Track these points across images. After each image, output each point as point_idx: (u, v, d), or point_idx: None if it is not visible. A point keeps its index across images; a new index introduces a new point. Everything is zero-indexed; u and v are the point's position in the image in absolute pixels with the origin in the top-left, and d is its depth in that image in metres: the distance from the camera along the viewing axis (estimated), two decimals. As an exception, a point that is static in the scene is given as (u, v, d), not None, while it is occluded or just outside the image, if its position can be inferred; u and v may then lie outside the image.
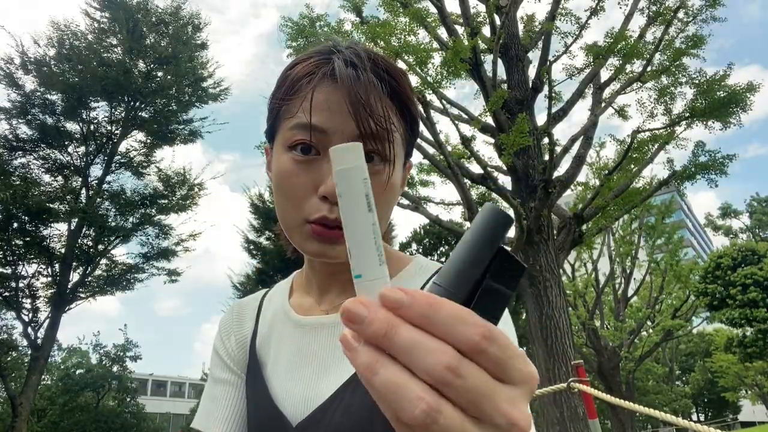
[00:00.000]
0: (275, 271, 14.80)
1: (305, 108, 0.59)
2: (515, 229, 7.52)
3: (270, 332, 0.74)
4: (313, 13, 8.81)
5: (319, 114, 0.59)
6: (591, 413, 3.12)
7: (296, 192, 0.60)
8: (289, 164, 0.61)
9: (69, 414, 20.25)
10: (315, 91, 0.59)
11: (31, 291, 11.50)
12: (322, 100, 0.59)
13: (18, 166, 11.56)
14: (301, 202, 0.60)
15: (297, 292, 0.76)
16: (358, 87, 0.58)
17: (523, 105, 8.14)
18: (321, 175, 0.59)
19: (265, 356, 0.72)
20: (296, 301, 0.74)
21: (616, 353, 16.13)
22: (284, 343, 0.70)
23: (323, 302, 0.70)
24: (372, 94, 0.58)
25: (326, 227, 0.59)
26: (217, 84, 13.76)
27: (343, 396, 0.60)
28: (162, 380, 38.65)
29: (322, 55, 0.62)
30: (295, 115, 0.60)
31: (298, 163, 0.60)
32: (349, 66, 0.59)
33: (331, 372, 0.64)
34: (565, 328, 6.97)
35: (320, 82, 0.60)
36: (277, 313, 0.75)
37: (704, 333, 32.71)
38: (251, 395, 0.72)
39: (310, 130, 0.59)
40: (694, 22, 8.55)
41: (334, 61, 0.60)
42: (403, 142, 0.65)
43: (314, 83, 0.60)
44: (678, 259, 18.24)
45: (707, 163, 8.27)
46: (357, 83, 0.58)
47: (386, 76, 0.61)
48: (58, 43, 11.86)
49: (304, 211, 0.60)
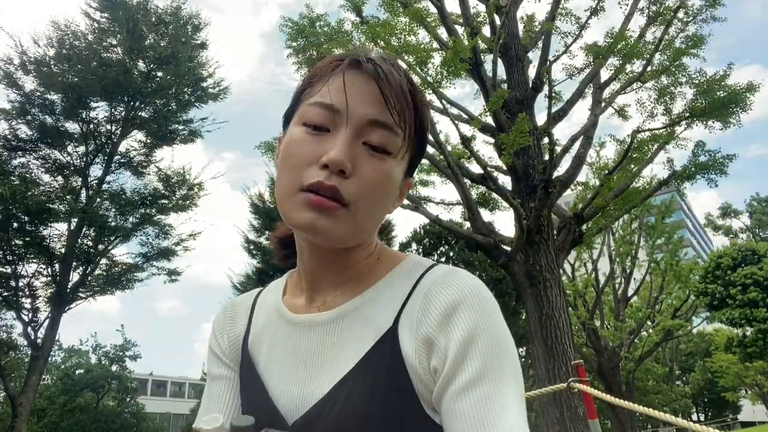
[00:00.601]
0: (275, 271, 14.79)
1: (330, 87, 0.62)
2: (515, 229, 7.52)
3: (263, 331, 0.73)
4: (313, 13, 8.80)
5: (338, 94, 0.61)
6: (591, 413, 3.12)
7: (299, 159, 0.61)
8: (299, 134, 0.63)
9: (69, 414, 20.27)
10: (338, 75, 0.63)
11: (31, 291, 11.50)
12: (343, 83, 0.62)
13: (18, 166, 11.56)
14: (301, 170, 0.61)
15: (291, 291, 0.75)
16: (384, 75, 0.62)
17: (523, 105, 8.14)
18: (326, 148, 0.60)
19: (258, 355, 0.72)
20: (290, 300, 0.74)
21: (616, 353, 16.14)
22: (278, 341, 0.70)
23: (316, 299, 0.70)
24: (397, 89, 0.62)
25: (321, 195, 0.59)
26: (216, 84, 13.77)
27: (338, 394, 0.60)
28: (162, 380, 38.67)
29: (353, 54, 0.65)
30: (316, 94, 0.63)
31: (309, 135, 0.62)
32: (378, 64, 0.63)
33: (325, 370, 0.63)
34: (565, 328, 6.97)
35: (346, 68, 0.63)
36: (270, 311, 0.75)
37: (704, 333, 32.72)
38: (245, 394, 0.72)
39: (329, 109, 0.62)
40: (694, 22, 8.55)
41: (361, 58, 0.64)
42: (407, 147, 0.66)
43: (340, 69, 0.63)
44: (678, 259, 18.23)
45: (707, 163, 8.26)
46: (382, 73, 0.62)
47: (410, 87, 0.65)
48: (58, 43, 11.86)
49: (302, 177, 0.60)
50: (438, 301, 0.60)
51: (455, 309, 0.58)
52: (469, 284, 0.60)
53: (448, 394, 0.56)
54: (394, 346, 0.60)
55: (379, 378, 0.59)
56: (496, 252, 7.48)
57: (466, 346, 0.56)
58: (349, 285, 0.68)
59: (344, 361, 0.62)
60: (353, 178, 0.60)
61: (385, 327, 0.62)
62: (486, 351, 0.56)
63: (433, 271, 0.65)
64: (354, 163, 0.60)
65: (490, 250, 7.50)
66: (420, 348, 0.59)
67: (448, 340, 0.57)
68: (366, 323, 0.64)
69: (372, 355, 0.61)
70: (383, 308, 0.64)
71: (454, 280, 0.61)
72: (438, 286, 0.61)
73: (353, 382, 0.60)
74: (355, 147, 0.60)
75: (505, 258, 7.41)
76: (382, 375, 0.59)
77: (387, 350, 0.60)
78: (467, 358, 0.56)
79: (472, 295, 0.59)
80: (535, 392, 3.48)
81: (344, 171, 0.59)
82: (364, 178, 0.60)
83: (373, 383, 0.59)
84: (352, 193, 0.60)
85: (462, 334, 0.57)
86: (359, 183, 0.60)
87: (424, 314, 0.60)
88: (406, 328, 0.61)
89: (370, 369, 0.60)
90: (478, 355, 0.56)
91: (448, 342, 0.57)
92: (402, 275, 0.67)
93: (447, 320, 0.58)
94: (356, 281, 0.68)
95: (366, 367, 0.60)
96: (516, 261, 7.32)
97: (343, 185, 0.59)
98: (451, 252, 17.40)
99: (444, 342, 0.57)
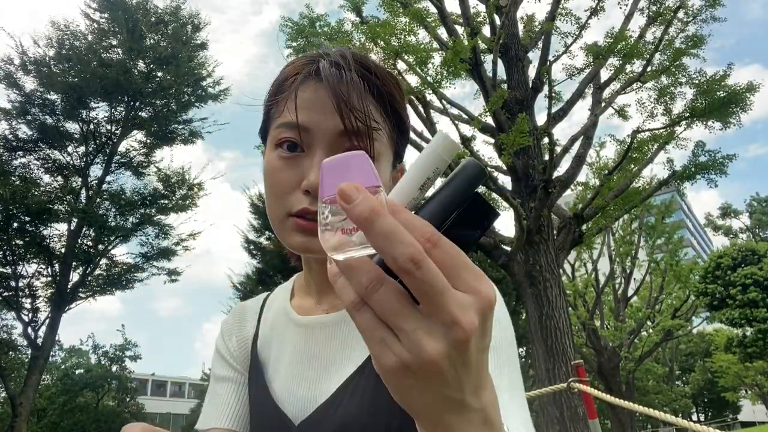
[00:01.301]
0: (275, 271, 14.79)
1: (290, 107, 0.61)
2: (515, 229, 7.52)
3: (271, 333, 0.75)
4: (313, 13, 8.81)
5: (303, 112, 0.60)
6: (591, 413, 3.12)
7: (281, 187, 0.61)
8: (275, 161, 0.62)
9: (69, 414, 20.26)
10: (300, 90, 0.61)
11: (31, 291, 11.51)
12: (306, 98, 0.60)
13: (18, 166, 11.58)
14: (285, 196, 0.61)
15: (298, 294, 0.76)
16: (341, 85, 0.59)
17: (523, 105, 8.14)
18: (305, 170, 0.60)
19: (266, 357, 0.73)
20: (297, 302, 0.75)
21: (616, 353, 16.13)
22: (286, 343, 0.71)
23: (323, 302, 0.71)
24: (354, 92, 0.59)
25: (308, 220, 0.59)
26: (216, 83, 13.77)
27: (344, 395, 0.61)
28: (162, 380, 38.66)
29: (309, 58, 0.64)
30: (281, 114, 0.62)
31: (284, 159, 0.61)
32: (333, 66, 0.61)
33: (332, 371, 0.64)
34: (565, 328, 6.97)
35: (304, 81, 0.61)
36: (278, 314, 0.76)
37: (704, 333, 32.71)
38: (254, 395, 0.72)
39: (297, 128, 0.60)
40: (694, 22, 8.55)
41: (319, 62, 0.62)
42: (390, 142, 0.65)
43: (298, 83, 0.61)
44: (678, 259, 18.23)
45: (707, 163, 8.27)
46: (340, 81, 0.59)
47: (371, 76, 0.62)
48: (58, 43, 11.87)
49: (288, 205, 0.61)
50: None
51: None
52: None
53: None
54: None
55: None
56: (496, 252, 7.48)
57: None
58: None
59: (350, 363, 0.63)
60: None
61: None
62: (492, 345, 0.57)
63: None
64: None
65: (490, 250, 7.50)
66: None
67: None
68: None
69: None
70: None
71: None
72: None
73: (358, 383, 0.61)
74: None
75: (505, 258, 7.41)
76: None
77: None
78: None
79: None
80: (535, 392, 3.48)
81: None
82: None
83: (377, 383, 0.59)
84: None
85: None
86: None
87: None
88: None
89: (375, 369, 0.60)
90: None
91: None
92: None
93: None
94: None
95: (371, 367, 0.61)
96: (516, 261, 7.32)
97: None
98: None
99: None
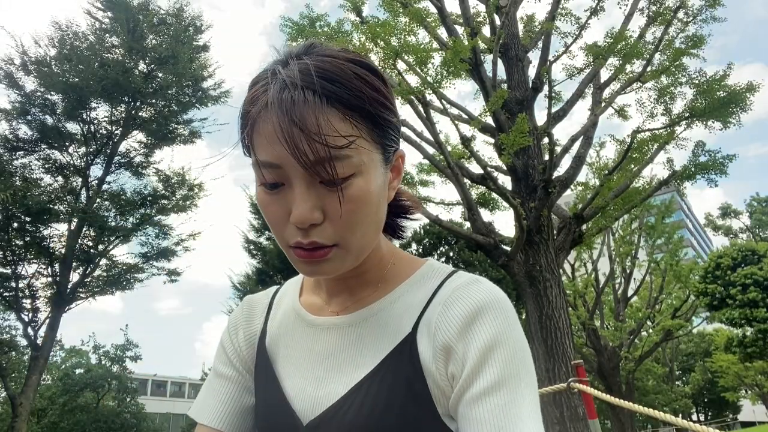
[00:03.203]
0: (275, 271, 14.81)
1: (255, 145, 0.57)
2: (515, 229, 7.52)
3: (280, 330, 0.74)
4: (313, 13, 8.81)
5: (267, 149, 0.56)
6: (591, 413, 3.13)
7: (274, 220, 0.61)
8: (261, 195, 0.61)
9: (69, 414, 20.26)
10: (261, 123, 0.56)
11: (31, 291, 11.51)
12: (268, 133, 0.55)
13: (18, 166, 11.57)
14: (280, 229, 0.60)
15: (307, 291, 0.76)
16: (293, 111, 0.53)
17: (523, 105, 8.14)
18: (289, 203, 0.58)
19: (275, 354, 0.73)
20: (307, 300, 0.74)
21: (616, 353, 16.14)
22: (295, 341, 0.71)
23: (332, 304, 0.71)
24: (309, 114, 0.53)
25: (306, 250, 0.58)
26: (217, 85, 13.78)
27: (354, 397, 0.61)
28: (162, 380, 38.65)
29: (263, 82, 0.58)
30: (255, 151, 0.58)
31: (269, 195, 0.60)
32: (283, 89, 0.55)
33: (342, 372, 0.64)
34: (565, 328, 6.97)
35: (261, 112, 0.56)
36: (287, 311, 0.75)
37: (704, 333, 32.73)
38: (260, 392, 0.72)
39: (268, 167, 0.57)
40: (694, 22, 8.55)
41: (269, 86, 0.56)
42: (372, 143, 0.59)
43: (255, 114, 0.57)
44: (678, 259, 18.23)
45: (707, 163, 8.26)
46: (291, 108, 0.54)
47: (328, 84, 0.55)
48: (59, 43, 11.86)
49: (285, 237, 0.60)
50: (459, 308, 0.60)
51: (476, 317, 0.58)
52: (492, 293, 0.61)
53: (464, 400, 0.56)
54: (412, 352, 0.61)
55: (396, 384, 0.60)
56: (496, 252, 7.48)
57: (486, 353, 0.56)
58: (368, 290, 0.69)
59: (361, 366, 0.63)
60: (327, 221, 0.57)
61: (403, 333, 0.63)
62: (506, 360, 0.56)
63: (455, 278, 0.65)
64: (321, 206, 0.57)
65: (490, 250, 7.51)
66: (438, 354, 0.59)
67: (467, 347, 0.57)
68: (384, 329, 0.65)
69: (389, 360, 0.61)
70: (402, 314, 0.65)
71: (477, 289, 0.61)
72: (461, 294, 0.61)
73: (370, 386, 0.60)
74: (315, 192, 0.57)
75: (505, 258, 7.41)
76: (399, 381, 0.60)
77: (405, 356, 0.61)
78: (486, 365, 0.56)
79: (495, 303, 0.59)
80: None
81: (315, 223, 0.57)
82: (340, 216, 0.57)
83: (390, 389, 0.60)
84: (334, 234, 0.58)
85: (482, 343, 0.57)
86: (336, 223, 0.57)
87: (444, 321, 0.60)
88: (425, 334, 0.62)
89: (388, 374, 0.60)
90: (497, 363, 0.56)
91: (467, 349, 0.57)
92: (421, 281, 0.68)
93: (468, 328, 0.58)
94: (374, 286, 0.69)
95: (383, 372, 0.61)
96: (516, 261, 7.32)
97: (321, 234, 0.57)
98: (451, 252, 17.37)
99: (463, 349, 0.58)
